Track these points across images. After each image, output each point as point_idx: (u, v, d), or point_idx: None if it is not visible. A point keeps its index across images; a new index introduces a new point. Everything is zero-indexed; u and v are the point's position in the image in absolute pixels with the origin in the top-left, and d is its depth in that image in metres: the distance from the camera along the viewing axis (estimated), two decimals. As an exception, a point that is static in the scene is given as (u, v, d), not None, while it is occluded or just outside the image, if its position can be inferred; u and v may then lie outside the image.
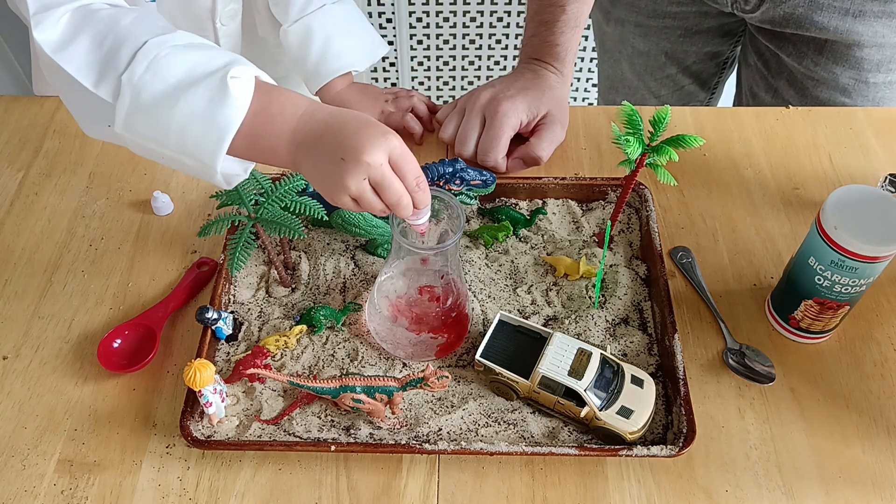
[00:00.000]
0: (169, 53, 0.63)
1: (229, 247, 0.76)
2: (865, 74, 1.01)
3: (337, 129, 0.62)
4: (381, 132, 0.61)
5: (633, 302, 0.80)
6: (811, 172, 0.94)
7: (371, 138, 0.61)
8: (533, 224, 0.87)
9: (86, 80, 0.64)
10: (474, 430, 0.71)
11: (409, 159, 0.63)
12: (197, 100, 0.62)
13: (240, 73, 0.63)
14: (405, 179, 0.63)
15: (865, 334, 0.79)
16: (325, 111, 0.64)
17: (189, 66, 0.63)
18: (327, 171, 0.62)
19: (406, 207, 0.64)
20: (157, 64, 0.62)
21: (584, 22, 0.96)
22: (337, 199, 0.63)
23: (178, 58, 0.63)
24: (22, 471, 0.70)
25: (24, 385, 0.75)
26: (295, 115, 0.64)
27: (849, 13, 0.95)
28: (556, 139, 0.92)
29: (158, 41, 0.64)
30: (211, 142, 0.63)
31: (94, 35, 0.65)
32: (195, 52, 0.64)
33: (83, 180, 0.94)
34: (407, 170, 0.63)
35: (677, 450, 0.67)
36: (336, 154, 0.61)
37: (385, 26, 1.94)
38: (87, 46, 0.64)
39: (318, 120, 0.64)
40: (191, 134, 0.63)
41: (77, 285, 0.83)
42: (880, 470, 0.69)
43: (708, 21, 1.12)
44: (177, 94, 0.62)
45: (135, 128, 0.64)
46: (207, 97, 0.62)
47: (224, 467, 0.70)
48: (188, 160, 0.65)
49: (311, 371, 0.75)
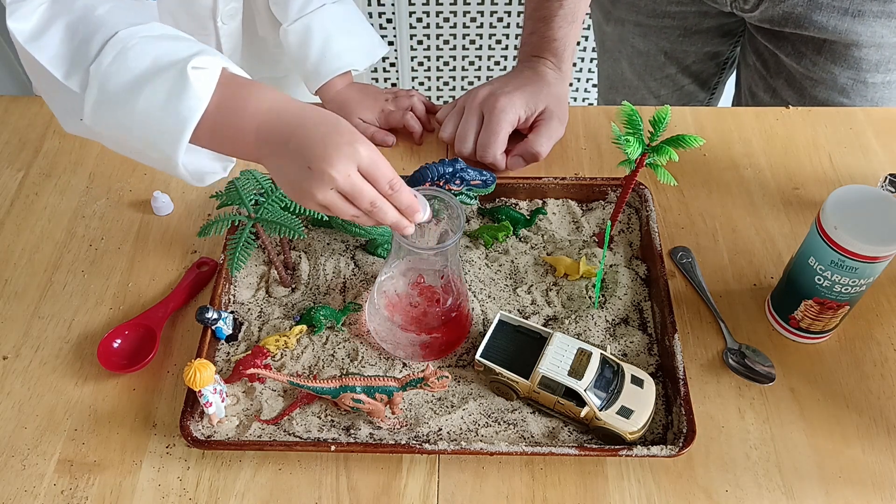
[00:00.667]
0: (137, 44, 0.62)
1: (229, 247, 0.76)
2: (864, 74, 1.01)
3: (303, 135, 0.60)
4: (346, 140, 0.59)
5: (633, 302, 0.80)
6: (811, 172, 0.94)
7: (337, 149, 0.59)
8: (533, 224, 0.87)
9: (57, 71, 0.63)
10: (474, 430, 0.71)
11: (378, 166, 0.61)
12: (158, 91, 0.61)
13: (204, 64, 0.62)
14: (378, 186, 0.61)
15: (865, 334, 0.79)
16: (291, 110, 0.62)
17: (155, 57, 0.62)
18: (293, 177, 0.61)
19: (382, 211, 0.62)
20: (124, 54, 0.61)
21: (581, 17, 0.95)
22: (302, 204, 0.62)
23: (145, 48, 0.62)
24: (22, 471, 0.70)
25: (24, 385, 0.75)
26: (259, 111, 0.62)
27: (848, 13, 0.95)
28: (554, 135, 0.91)
29: (129, 32, 0.63)
30: (171, 133, 0.61)
31: (68, 25, 0.64)
32: (163, 43, 0.63)
33: (83, 180, 0.94)
34: (378, 176, 0.61)
35: (677, 450, 0.67)
36: (302, 161, 0.59)
37: (385, 26, 1.94)
38: (60, 37, 0.64)
39: (283, 121, 0.61)
40: (151, 125, 0.62)
41: (77, 285, 0.83)
42: (880, 470, 0.69)
43: (707, 21, 1.12)
44: (140, 85, 0.61)
45: (102, 119, 0.63)
46: (167, 88, 0.61)
47: (224, 467, 0.70)
48: (152, 152, 0.64)
49: (311, 371, 0.75)
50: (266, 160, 0.63)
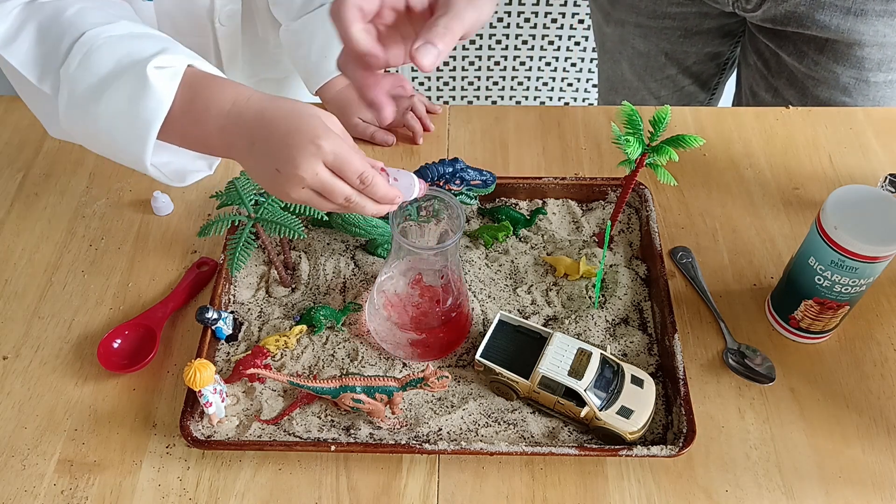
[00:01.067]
0: (102, 45, 0.61)
1: (229, 247, 0.76)
2: (866, 74, 1.01)
3: (266, 135, 0.58)
4: (308, 139, 0.57)
5: (633, 302, 0.80)
6: (811, 172, 0.94)
7: (300, 149, 0.56)
8: (533, 224, 0.87)
9: (30, 75, 0.63)
10: (474, 430, 0.71)
11: (346, 160, 0.58)
12: (120, 94, 0.60)
13: (167, 63, 0.61)
14: (348, 181, 0.59)
15: (865, 334, 0.79)
16: (252, 109, 0.60)
17: (118, 58, 0.61)
18: (265, 177, 0.60)
19: (359, 206, 0.60)
20: (88, 57, 0.61)
21: None
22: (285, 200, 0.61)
23: (110, 49, 0.61)
24: (22, 471, 0.70)
25: (24, 385, 0.75)
26: (221, 112, 0.60)
27: (850, 12, 0.95)
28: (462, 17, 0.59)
29: (95, 32, 0.62)
30: (136, 136, 0.61)
31: (39, 27, 0.64)
32: (127, 43, 0.62)
33: (83, 180, 0.94)
34: (347, 171, 0.58)
35: (677, 450, 0.67)
36: (269, 164, 0.58)
37: (385, 26, 1.94)
38: (32, 40, 0.63)
39: (245, 119, 0.59)
40: (117, 128, 0.61)
41: (77, 285, 0.83)
42: (880, 470, 0.69)
43: (708, 22, 1.12)
44: (103, 88, 0.60)
45: (73, 122, 0.63)
46: (128, 91, 0.60)
47: (224, 467, 0.70)
48: (122, 155, 0.63)
49: (311, 371, 0.75)
50: (240, 161, 0.62)
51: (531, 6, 1.82)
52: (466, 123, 1.01)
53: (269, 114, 0.59)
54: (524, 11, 1.84)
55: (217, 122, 0.60)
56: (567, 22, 1.87)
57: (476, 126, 1.00)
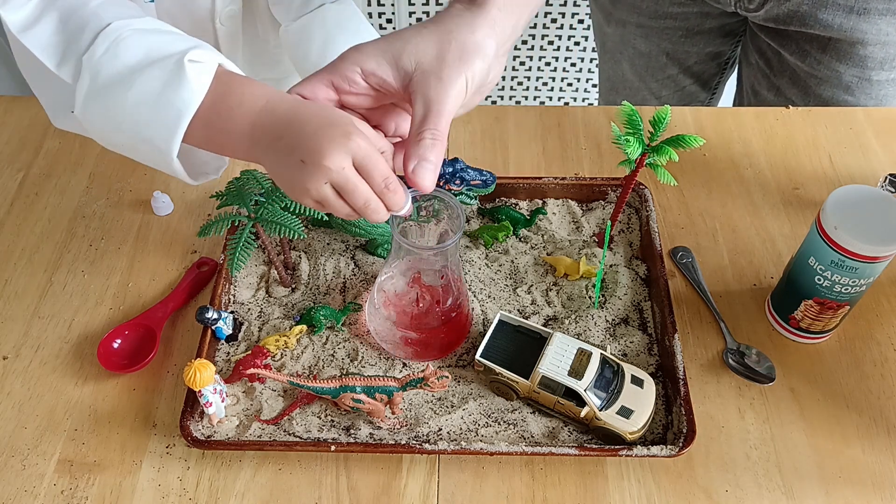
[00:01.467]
0: (130, 35, 0.61)
1: (229, 247, 0.76)
2: (869, 72, 1.01)
3: (297, 128, 0.58)
4: (342, 132, 0.56)
5: (633, 302, 0.80)
6: (811, 172, 0.94)
7: (332, 140, 0.56)
8: (533, 224, 0.87)
9: (49, 61, 0.63)
10: (474, 430, 0.71)
11: (374, 160, 0.57)
12: (152, 82, 0.60)
13: (200, 58, 0.61)
14: (372, 182, 0.58)
15: (865, 334, 0.79)
16: (285, 105, 0.60)
17: (148, 49, 0.61)
18: (287, 172, 0.59)
19: (375, 211, 0.59)
20: (117, 45, 0.61)
21: None
22: (300, 201, 0.60)
23: (139, 40, 0.62)
24: (22, 471, 0.70)
25: (24, 385, 0.75)
26: (254, 108, 0.60)
27: (853, 10, 0.95)
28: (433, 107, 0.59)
29: (122, 24, 0.62)
30: (165, 126, 0.60)
31: (61, 16, 0.64)
32: (157, 36, 0.63)
33: (83, 180, 0.94)
34: (374, 172, 0.57)
35: (677, 450, 0.67)
36: (295, 155, 0.57)
37: (385, 26, 1.94)
38: (53, 27, 0.63)
39: (277, 116, 0.59)
40: (145, 117, 0.61)
41: (77, 285, 0.83)
42: (880, 470, 0.69)
43: (709, 21, 1.12)
44: (133, 76, 0.60)
45: (93, 112, 0.62)
46: (163, 80, 0.60)
47: (224, 467, 0.70)
48: (143, 146, 0.63)
49: (311, 371, 0.75)
50: (261, 158, 0.61)
51: (531, 6, 1.82)
52: (466, 123, 1.01)
53: (301, 110, 0.59)
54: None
55: (248, 118, 0.60)
56: (567, 22, 1.87)
57: (476, 126, 1.00)
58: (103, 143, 0.67)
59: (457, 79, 0.59)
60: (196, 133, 0.62)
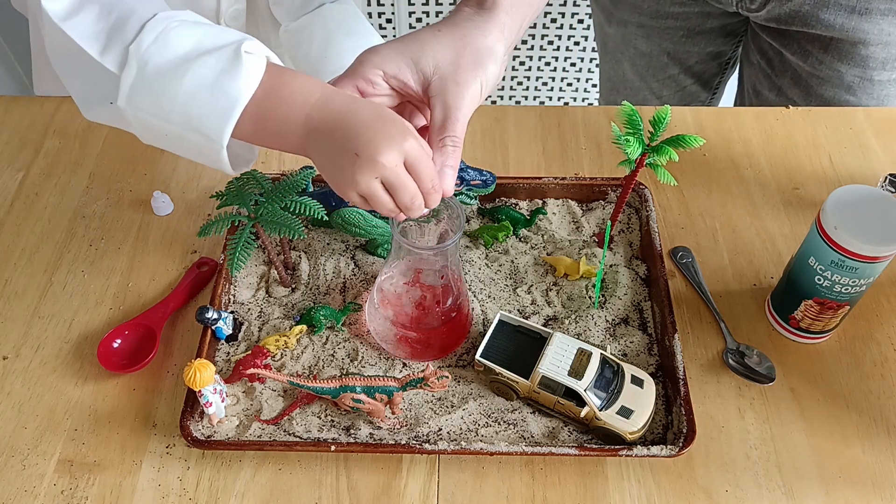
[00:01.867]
0: (178, 26, 0.62)
1: (229, 247, 0.76)
2: (870, 72, 1.01)
3: (353, 122, 0.59)
4: (398, 130, 0.58)
5: (633, 302, 0.80)
6: (811, 172, 0.94)
7: (387, 137, 0.57)
8: (533, 224, 0.87)
9: (92, 49, 0.62)
10: (474, 430, 0.71)
11: (425, 161, 0.59)
12: (207, 70, 0.60)
13: (253, 49, 0.62)
14: (421, 182, 0.59)
15: (865, 334, 0.79)
16: (341, 100, 0.61)
17: (198, 39, 0.61)
18: (338, 164, 0.60)
19: (419, 209, 0.61)
20: (166, 35, 0.61)
21: None
22: (345, 194, 0.60)
23: (188, 30, 0.62)
24: (22, 471, 0.70)
25: (24, 385, 0.75)
26: (308, 100, 0.61)
27: (855, 10, 0.95)
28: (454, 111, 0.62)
29: (168, 14, 0.62)
30: (218, 114, 0.61)
31: (102, 6, 0.64)
32: (205, 27, 0.63)
33: (83, 180, 0.94)
34: (423, 172, 0.59)
35: (677, 450, 0.67)
36: (349, 148, 0.58)
37: (385, 26, 1.94)
38: (95, 16, 0.63)
39: (332, 109, 0.60)
40: (197, 105, 0.61)
41: (77, 285, 0.83)
42: (880, 470, 0.69)
43: (711, 21, 1.12)
44: (186, 65, 0.60)
45: (139, 101, 0.62)
46: (219, 68, 0.60)
47: (224, 467, 0.70)
48: (193, 135, 0.62)
49: (311, 371, 0.75)
50: (311, 150, 0.62)
51: (531, 6, 1.82)
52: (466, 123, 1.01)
53: (359, 105, 0.60)
54: (524, 11, 1.84)
55: (303, 109, 0.61)
56: (567, 22, 1.87)
57: (476, 126, 1.00)
58: (144, 135, 0.66)
59: (472, 83, 0.62)
60: (246, 125, 0.62)
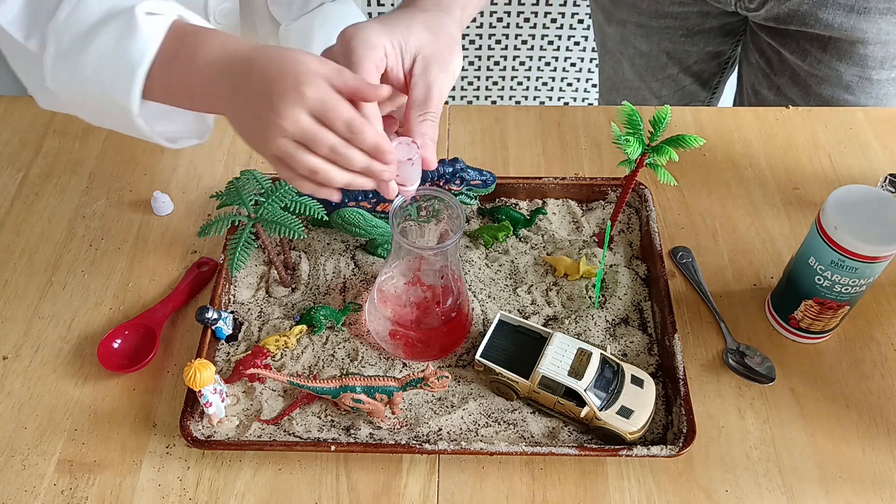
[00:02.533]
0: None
1: (229, 247, 0.76)
2: (869, 72, 1.01)
3: (250, 84, 0.56)
4: (292, 83, 0.54)
5: (633, 302, 0.80)
6: (811, 172, 0.94)
7: (282, 94, 0.54)
8: (533, 224, 0.87)
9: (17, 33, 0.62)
10: (474, 430, 0.71)
11: (332, 107, 0.54)
12: (106, 38, 0.59)
13: (157, 10, 0.60)
14: (334, 128, 0.55)
15: (865, 334, 0.79)
16: (238, 57, 0.57)
17: (109, 6, 0.60)
18: (246, 128, 0.57)
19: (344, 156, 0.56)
20: (78, 6, 0.60)
21: None
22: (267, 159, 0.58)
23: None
24: (22, 471, 0.70)
25: (24, 385, 0.75)
26: (207, 61, 0.58)
27: (854, 10, 0.95)
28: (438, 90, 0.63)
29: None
30: (122, 80, 0.59)
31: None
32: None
33: (83, 180, 0.94)
34: (333, 118, 0.54)
35: (677, 450, 0.67)
36: (250, 111, 0.56)
37: (385, 26, 1.94)
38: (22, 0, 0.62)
39: (231, 70, 0.58)
40: (104, 75, 0.60)
41: (77, 285, 0.83)
42: (880, 470, 0.69)
43: (710, 21, 1.12)
44: (92, 34, 0.59)
45: (60, 78, 0.61)
46: (117, 34, 0.59)
47: (224, 467, 0.70)
48: (108, 107, 0.61)
49: (311, 371, 0.75)
50: (221, 111, 0.60)
51: (531, 6, 1.82)
52: (466, 123, 1.01)
53: (255, 61, 0.57)
54: (524, 11, 1.84)
55: (203, 71, 0.59)
56: (567, 22, 1.87)
57: (476, 126, 1.00)
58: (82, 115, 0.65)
59: (450, 65, 0.64)
60: (157, 87, 0.60)
